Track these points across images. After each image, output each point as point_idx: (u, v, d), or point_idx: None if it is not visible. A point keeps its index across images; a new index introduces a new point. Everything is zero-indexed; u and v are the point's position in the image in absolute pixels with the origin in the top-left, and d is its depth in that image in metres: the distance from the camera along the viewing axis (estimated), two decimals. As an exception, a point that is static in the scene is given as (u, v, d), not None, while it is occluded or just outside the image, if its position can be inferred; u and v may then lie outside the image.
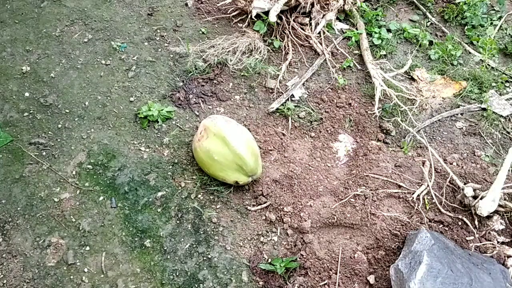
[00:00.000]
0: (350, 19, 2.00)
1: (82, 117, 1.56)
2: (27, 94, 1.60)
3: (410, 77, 1.82)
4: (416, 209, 1.41)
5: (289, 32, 1.86)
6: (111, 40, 1.79)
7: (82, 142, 1.51)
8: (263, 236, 1.35)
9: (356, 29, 1.93)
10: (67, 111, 1.58)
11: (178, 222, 1.36)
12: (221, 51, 1.74)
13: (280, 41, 1.85)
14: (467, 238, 1.36)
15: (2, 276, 1.24)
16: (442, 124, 1.68)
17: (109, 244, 1.31)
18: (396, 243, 1.34)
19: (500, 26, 2.03)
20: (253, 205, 1.40)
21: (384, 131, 1.62)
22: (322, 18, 1.91)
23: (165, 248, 1.30)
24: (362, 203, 1.42)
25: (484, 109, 1.72)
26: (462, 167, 1.55)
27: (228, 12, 1.91)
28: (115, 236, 1.33)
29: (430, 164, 1.52)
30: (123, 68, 1.71)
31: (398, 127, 1.64)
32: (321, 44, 1.86)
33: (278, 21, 1.86)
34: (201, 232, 1.34)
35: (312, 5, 1.88)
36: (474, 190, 1.41)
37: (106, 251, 1.29)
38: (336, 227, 1.38)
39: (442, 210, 1.42)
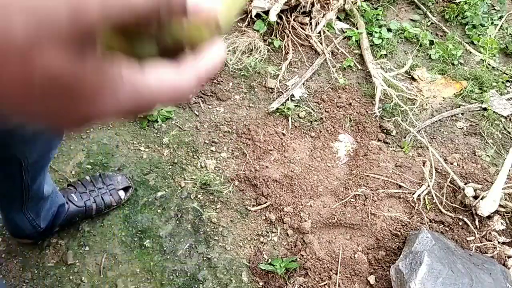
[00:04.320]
0: (351, 19, 1.99)
1: (82, 117, 1.56)
2: (26, 93, 1.59)
3: (410, 76, 1.81)
4: (417, 209, 1.41)
5: (289, 31, 1.85)
6: (111, 39, 1.78)
7: (81, 142, 1.50)
8: (263, 236, 1.34)
9: (357, 28, 1.92)
10: (67, 110, 1.57)
11: (177, 222, 1.36)
12: (221, 50, 1.74)
13: (280, 40, 1.84)
14: (468, 239, 1.36)
15: (1, 276, 1.23)
16: (443, 124, 1.68)
17: (109, 244, 1.30)
18: (397, 244, 1.33)
19: (501, 25, 2.02)
20: (253, 205, 1.40)
21: (385, 131, 1.62)
22: (323, 17, 1.91)
23: (165, 248, 1.30)
24: (363, 203, 1.41)
25: (484, 109, 1.71)
26: (463, 167, 1.55)
27: (228, 12, 1.90)
28: (114, 236, 1.32)
29: (431, 164, 1.51)
30: (122, 68, 1.71)
31: (399, 127, 1.63)
32: (321, 43, 1.86)
33: (278, 20, 1.85)
34: (201, 232, 1.34)
35: (313, 4, 1.87)
36: (475, 190, 1.40)
37: (105, 251, 1.29)
38: (336, 227, 1.38)
39: (443, 210, 1.41)
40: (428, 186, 1.45)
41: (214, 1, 0.24)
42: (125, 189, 1.35)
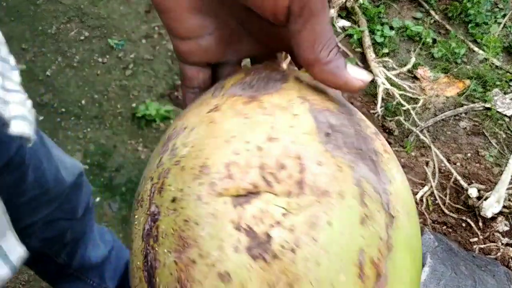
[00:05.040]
0: (352, 16, 1.97)
1: (79, 117, 1.54)
2: (22, 92, 1.57)
3: (413, 75, 1.79)
4: (419, 210, 1.39)
5: (290, 29, 1.83)
6: (108, 38, 1.76)
7: (78, 142, 1.48)
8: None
9: (358, 26, 1.90)
10: (63, 110, 1.55)
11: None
12: (221, 49, 1.72)
13: (281, 38, 1.82)
14: (471, 240, 1.34)
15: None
16: (446, 124, 1.66)
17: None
18: (399, 245, 1.32)
19: (504, 24, 2.00)
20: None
21: (387, 130, 1.60)
22: (323, 15, 1.89)
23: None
24: (364, 204, 1.39)
25: (488, 109, 1.69)
26: (466, 167, 1.53)
27: (227, 9, 1.88)
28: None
29: (434, 165, 1.49)
30: (120, 67, 1.69)
31: (401, 126, 1.61)
32: (322, 42, 1.83)
33: (279, 18, 1.83)
34: (200, 234, 1.32)
35: (313, 2, 1.85)
36: (478, 190, 1.39)
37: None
38: (337, 229, 1.36)
39: (446, 211, 1.40)
40: (431, 186, 1.43)
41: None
42: None
